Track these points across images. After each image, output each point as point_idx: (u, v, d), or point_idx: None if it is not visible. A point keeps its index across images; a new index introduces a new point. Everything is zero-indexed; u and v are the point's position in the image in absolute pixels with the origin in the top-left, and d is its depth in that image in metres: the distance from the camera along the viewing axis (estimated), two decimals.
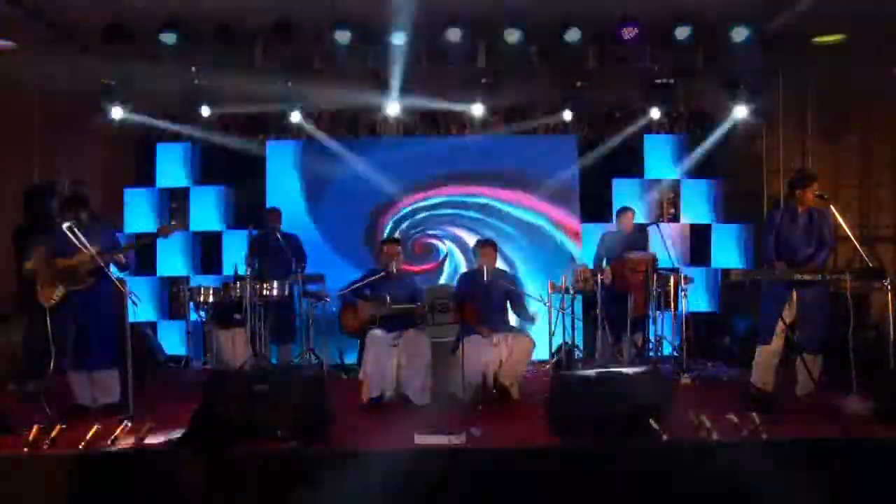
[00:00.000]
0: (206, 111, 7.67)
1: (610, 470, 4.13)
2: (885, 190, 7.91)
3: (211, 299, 6.75)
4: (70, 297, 5.16)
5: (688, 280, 6.88)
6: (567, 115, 7.85)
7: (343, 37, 7.24)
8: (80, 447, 4.24)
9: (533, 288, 7.39)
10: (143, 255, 7.70)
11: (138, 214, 8.11)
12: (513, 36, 7.27)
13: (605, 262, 6.97)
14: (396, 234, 7.91)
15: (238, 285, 6.57)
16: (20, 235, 5.89)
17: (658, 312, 7.03)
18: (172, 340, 7.94)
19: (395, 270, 5.99)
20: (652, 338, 7.09)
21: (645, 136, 8.30)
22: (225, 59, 7.46)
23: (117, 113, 7.49)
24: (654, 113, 7.85)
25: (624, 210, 7.34)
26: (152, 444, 4.33)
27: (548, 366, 6.89)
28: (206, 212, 8.18)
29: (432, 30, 7.21)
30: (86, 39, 7.17)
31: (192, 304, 6.88)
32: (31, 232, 5.86)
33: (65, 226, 4.97)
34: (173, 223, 5.90)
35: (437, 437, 4.27)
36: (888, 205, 7.87)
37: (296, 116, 7.76)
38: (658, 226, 7.26)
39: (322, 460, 4.10)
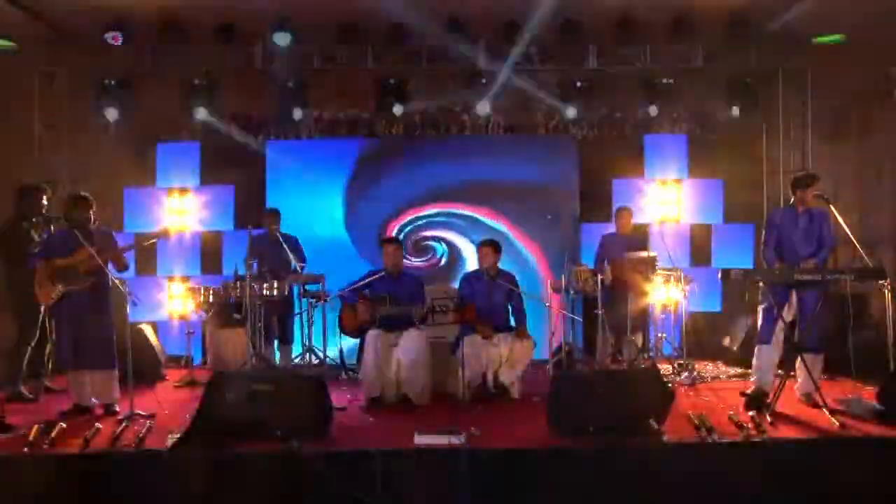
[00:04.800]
0: (206, 111, 7.67)
1: (610, 470, 4.13)
2: (885, 190, 7.91)
3: (211, 299, 6.75)
4: (69, 297, 5.16)
5: (688, 280, 6.88)
6: (568, 115, 7.86)
7: (343, 37, 7.25)
8: (80, 447, 4.24)
9: (533, 288, 7.39)
10: (143, 254, 7.69)
11: (138, 214, 8.10)
12: (512, 36, 7.28)
13: (605, 263, 6.96)
14: (396, 234, 7.91)
15: (238, 285, 6.57)
16: (10, 235, 5.83)
17: (658, 312, 7.03)
18: (172, 340, 7.94)
19: (395, 270, 5.98)
20: (652, 338, 7.09)
21: (645, 136, 8.29)
22: (225, 59, 7.48)
23: (113, 115, 7.49)
24: (654, 113, 7.85)
25: (621, 210, 7.33)
26: (152, 444, 4.33)
27: (548, 366, 6.88)
28: (206, 212, 8.17)
29: (432, 30, 7.22)
30: (86, 40, 7.17)
31: (192, 303, 6.88)
32: (19, 231, 5.82)
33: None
34: (168, 228, 5.88)
35: (437, 437, 4.27)
36: (888, 205, 7.87)
37: (296, 115, 7.76)
38: (658, 226, 7.25)
39: (322, 460, 4.10)
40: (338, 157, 8.18)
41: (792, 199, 5.46)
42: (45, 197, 6.00)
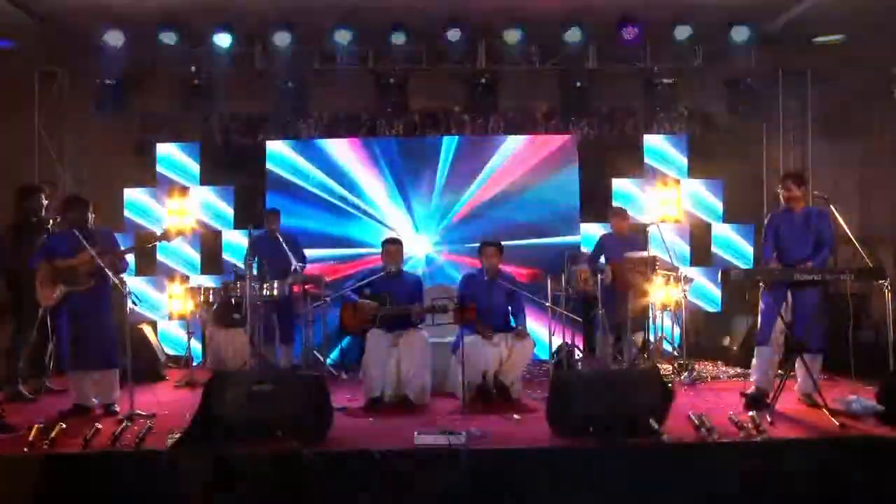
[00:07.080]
0: (206, 111, 7.67)
1: (610, 470, 4.12)
2: (885, 190, 7.91)
3: (211, 299, 6.74)
4: (70, 297, 5.16)
5: (688, 280, 6.88)
6: (567, 115, 7.86)
7: (343, 37, 7.25)
8: (80, 447, 4.24)
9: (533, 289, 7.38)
10: (143, 254, 7.69)
11: (138, 215, 8.10)
12: (513, 36, 7.28)
13: (604, 263, 6.95)
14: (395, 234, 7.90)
15: (238, 285, 6.56)
16: (9, 235, 5.85)
17: (658, 312, 7.03)
18: (172, 340, 7.94)
19: (395, 270, 5.98)
20: (652, 338, 7.09)
21: (645, 136, 8.29)
22: (225, 59, 7.47)
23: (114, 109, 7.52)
24: (654, 113, 7.84)
25: (616, 211, 7.30)
26: (152, 444, 4.33)
27: (548, 366, 6.88)
28: (205, 212, 8.17)
29: (432, 30, 7.22)
30: (86, 40, 7.17)
31: (191, 303, 6.87)
32: (20, 232, 5.83)
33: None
34: (173, 229, 5.88)
35: (437, 437, 4.26)
36: (888, 205, 7.87)
37: (295, 116, 7.77)
38: (658, 226, 7.24)
39: (322, 460, 4.10)
40: (338, 156, 8.17)
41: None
42: (43, 197, 6.00)
